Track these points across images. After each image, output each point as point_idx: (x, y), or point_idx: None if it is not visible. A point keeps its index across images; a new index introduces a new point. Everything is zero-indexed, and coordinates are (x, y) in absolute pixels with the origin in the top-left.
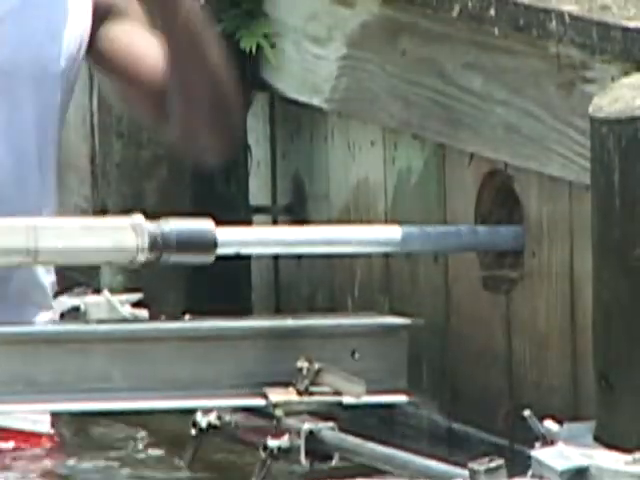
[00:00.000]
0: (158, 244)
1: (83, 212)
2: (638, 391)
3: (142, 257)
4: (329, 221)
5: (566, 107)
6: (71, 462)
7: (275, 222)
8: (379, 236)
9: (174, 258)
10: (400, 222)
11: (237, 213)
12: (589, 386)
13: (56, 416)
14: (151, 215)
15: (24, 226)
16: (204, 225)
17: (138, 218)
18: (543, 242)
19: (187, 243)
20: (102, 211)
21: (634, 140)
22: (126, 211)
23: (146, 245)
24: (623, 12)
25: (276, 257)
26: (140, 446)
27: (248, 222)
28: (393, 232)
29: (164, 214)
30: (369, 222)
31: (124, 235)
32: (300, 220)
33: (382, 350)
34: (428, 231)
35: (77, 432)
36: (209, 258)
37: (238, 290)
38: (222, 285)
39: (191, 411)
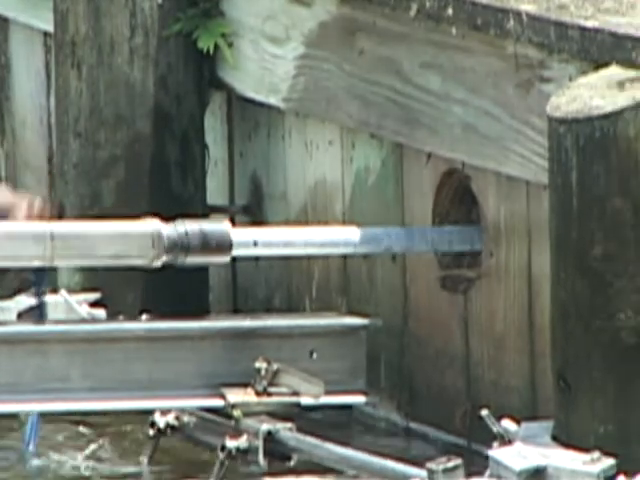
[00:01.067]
0: (175, 246)
1: None
2: (596, 391)
3: (159, 260)
4: (287, 221)
5: (524, 106)
6: (34, 462)
7: (232, 222)
8: (336, 237)
9: (191, 259)
10: (358, 222)
11: (194, 212)
12: (547, 386)
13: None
14: (108, 215)
15: (42, 230)
16: (220, 226)
17: (155, 221)
18: (501, 242)
19: (204, 244)
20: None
21: (592, 139)
22: (83, 210)
23: (164, 247)
24: (580, 11)
25: (234, 258)
26: (98, 446)
27: None
28: (350, 233)
29: (121, 214)
30: (326, 222)
31: (142, 238)
32: (258, 220)
33: (340, 350)
34: (386, 232)
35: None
36: (225, 259)
37: (196, 291)
38: (180, 286)
39: (149, 411)
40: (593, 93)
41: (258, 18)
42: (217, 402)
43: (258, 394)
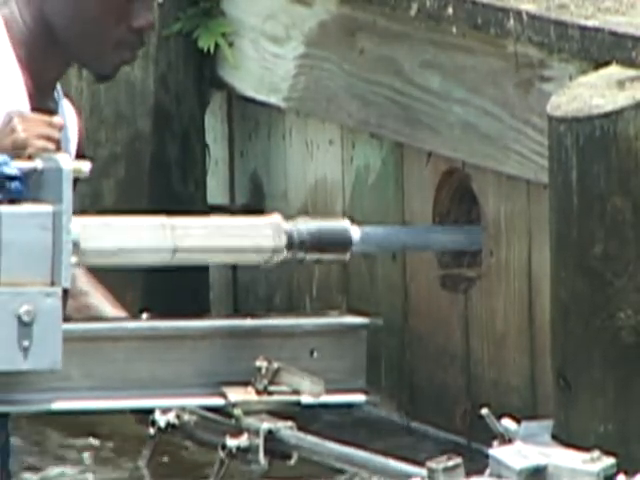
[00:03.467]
0: (295, 243)
1: None
2: (596, 390)
3: (279, 256)
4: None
5: (524, 106)
6: (30, 461)
7: None
8: None
9: (310, 257)
10: (358, 221)
11: (195, 212)
12: (547, 385)
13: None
14: (109, 214)
15: (161, 224)
16: (340, 224)
17: (275, 217)
18: (501, 241)
19: (324, 242)
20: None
21: (592, 138)
22: (83, 209)
23: (283, 244)
24: (581, 11)
25: None
26: (99, 445)
27: None
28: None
29: (122, 213)
30: None
31: (262, 235)
32: None
33: (341, 349)
34: (386, 230)
35: (34, 432)
36: (345, 257)
37: (196, 289)
38: (180, 284)
39: (149, 410)
40: (593, 92)
41: (258, 17)
42: (218, 401)
43: (259, 393)
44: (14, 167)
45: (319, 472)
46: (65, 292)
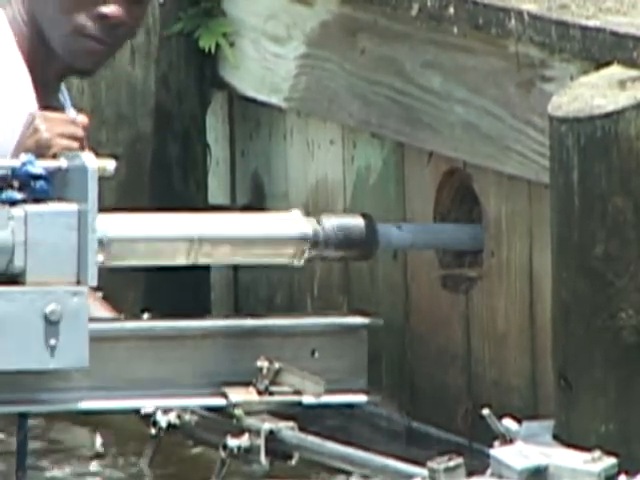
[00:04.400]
0: (320, 241)
1: None
2: (597, 390)
3: (304, 254)
4: None
5: (525, 106)
6: (30, 462)
7: None
8: None
9: (335, 254)
10: None
11: (196, 212)
12: (548, 385)
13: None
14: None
15: (187, 223)
16: (365, 222)
17: (296, 213)
18: (502, 241)
19: (349, 240)
20: None
21: (593, 139)
22: None
23: (309, 243)
24: (582, 11)
25: None
26: (100, 445)
27: None
28: None
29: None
30: None
31: (287, 233)
32: None
33: (342, 350)
34: (416, 228)
35: (34, 432)
36: (370, 255)
37: (197, 289)
38: (181, 284)
39: (147, 415)
40: (594, 92)
41: (259, 17)
42: (219, 401)
43: (260, 393)
44: (39, 166)
45: (320, 472)
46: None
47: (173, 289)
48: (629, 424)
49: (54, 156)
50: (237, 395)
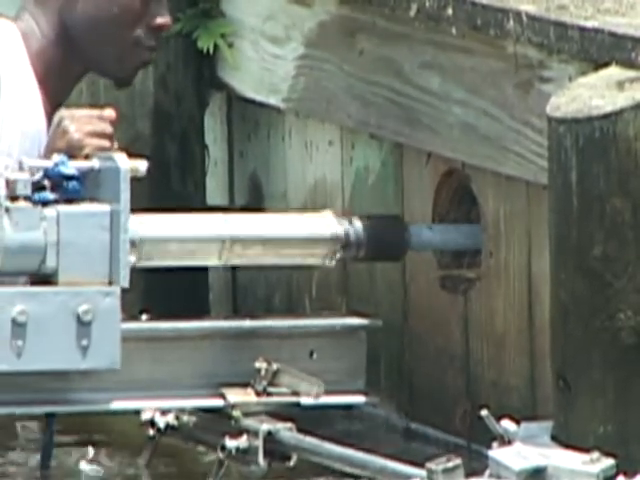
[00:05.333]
0: (352, 242)
1: None
2: (595, 391)
3: (336, 255)
4: None
5: (523, 107)
6: (30, 463)
7: None
8: None
9: (367, 255)
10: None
11: (194, 212)
12: (547, 386)
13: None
14: None
15: (218, 223)
16: (397, 223)
17: (328, 214)
18: (500, 242)
19: (381, 241)
20: None
21: (591, 139)
22: None
23: (340, 245)
24: (580, 12)
25: None
26: (98, 446)
27: None
28: None
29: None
30: None
31: (319, 233)
32: None
33: (340, 351)
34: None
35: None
36: (402, 255)
37: (196, 290)
38: (179, 285)
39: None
40: (593, 93)
41: (258, 18)
42: (217, 402)
43: (258, 394)
44: (71, 167)
45: (318, 473)
46: None
47: (171, 290)
48: (628, 425)
49: (86, 156)
50: (235, 396)
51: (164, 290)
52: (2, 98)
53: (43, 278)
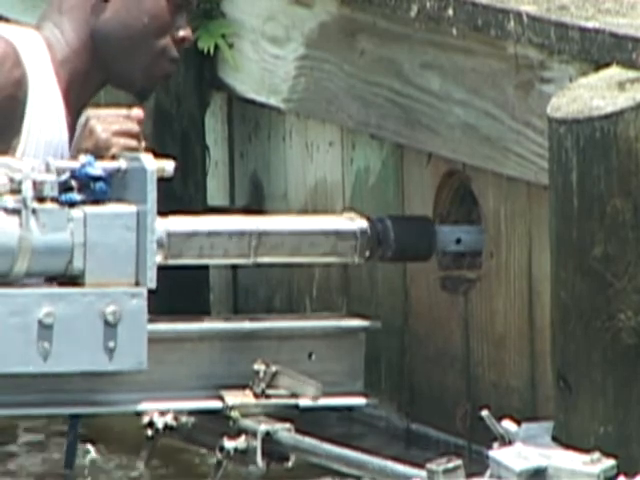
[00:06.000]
0: (380, 241)
1: None
2: (596, 392)
3: (364, 255)
4: None
5: (524, 107)
6: (26, 464)
7: None
8: None
9: (395, 255)
10: None
11: (194, 213)
12: (547, 386)
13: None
14: None
15: (245, 223)
16: (424, 223)
17: (353, 216)
18: (501, 243)
19: (409, 241)
20: None
21: (592, 140)
22: None
23: (365, 244)
24: (581, 12)
25: None
26: (96, 447)
27: None
28: None
29: None
30: None
31: (347, 233)
32: None
33: (339, 352)
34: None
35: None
36: (429, 256)
37: (196, 291)
38: (180, 286)
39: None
40: (593, 94)
41: (259, 19)
42: (216, 404)
43: (256, 396)
44: (98, 167)
45: (317, 474)
46: None
47: (172, 290)
48: (628, 425)
49: (113, 156)
50: (234, 398)
51: (165, 290)
52: (29, 108)
53: (70, 279)
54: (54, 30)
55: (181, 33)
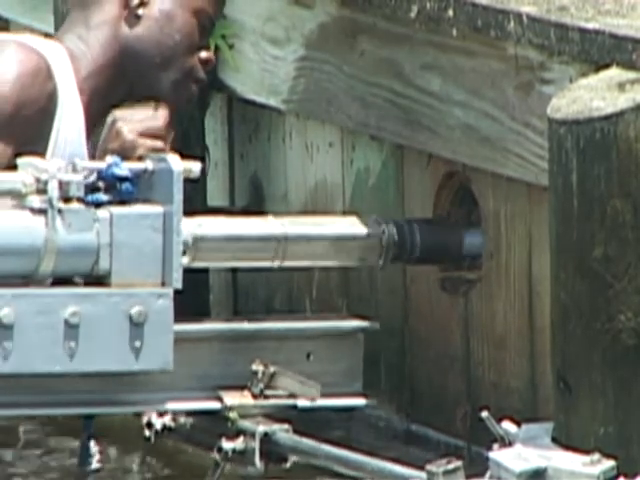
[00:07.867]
0: (406, 245)
1: None
2: (596, 392)
3: (390, 257)
4: None
5: (524, 108)
6: (25, 464)
7: None
8: None
9: (420, 258)
10: None
11: (194, 214)
12: (547, 387)
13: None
14: None
15: (272, 225)
16: (450, 226)
17: (376, 219)
18: (501, 243)
19: (434, 244)
20: None
21: (592, 141)
22: None
23: (388, 247)
24: (581, 13)
25: None
26: (94, 447)
27: None
28: None
29: None
30: None
31: (373, 236)
32: None
33: (337, 353)
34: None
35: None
36: (455, 261)
37: (196, 292)
38: (180, 287)
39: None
40: (593, 95)
41: (259, 20)
42: (214, 404)
43: (255, 397)
44: (125, 168)
45: (315, 475)
46: None
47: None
48: (628, 426)
49: (140, 157)
50: (232, 399)
51: None
52: (57, 121)
53: (96, 279)
54: (79, 44)
55: (204, 54)
